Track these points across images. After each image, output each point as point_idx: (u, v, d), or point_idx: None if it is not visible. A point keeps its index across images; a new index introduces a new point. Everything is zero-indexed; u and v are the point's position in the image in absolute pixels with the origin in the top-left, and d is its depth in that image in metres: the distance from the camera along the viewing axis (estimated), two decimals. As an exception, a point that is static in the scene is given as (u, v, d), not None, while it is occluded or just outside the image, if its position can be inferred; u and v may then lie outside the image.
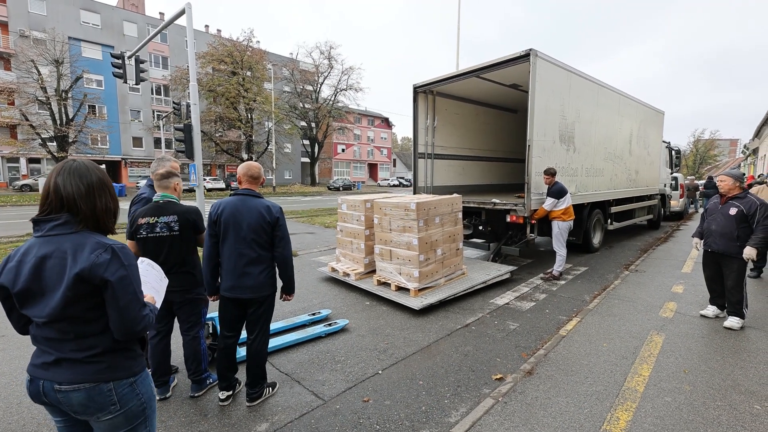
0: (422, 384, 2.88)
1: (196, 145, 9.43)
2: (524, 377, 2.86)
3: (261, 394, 2.63)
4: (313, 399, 2.69)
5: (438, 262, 4.77)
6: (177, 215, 2.56)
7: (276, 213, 2.49)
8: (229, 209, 2.47)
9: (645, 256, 7.01)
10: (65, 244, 1.20)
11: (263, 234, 2.46)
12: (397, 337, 3.71)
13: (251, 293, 2.49)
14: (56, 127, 24.59)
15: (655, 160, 9.60)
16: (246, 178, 2.57)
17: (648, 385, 2.71)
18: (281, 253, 2.52)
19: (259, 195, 2.55)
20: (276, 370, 3.11)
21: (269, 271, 2.54)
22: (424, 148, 7.35)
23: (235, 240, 2.46)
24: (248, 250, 2.45)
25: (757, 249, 3.46)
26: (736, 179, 3.69)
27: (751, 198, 3.59)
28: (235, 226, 2.45)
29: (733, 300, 3.67)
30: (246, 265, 2.46)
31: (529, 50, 5.25)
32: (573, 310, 4.38)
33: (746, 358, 3.09)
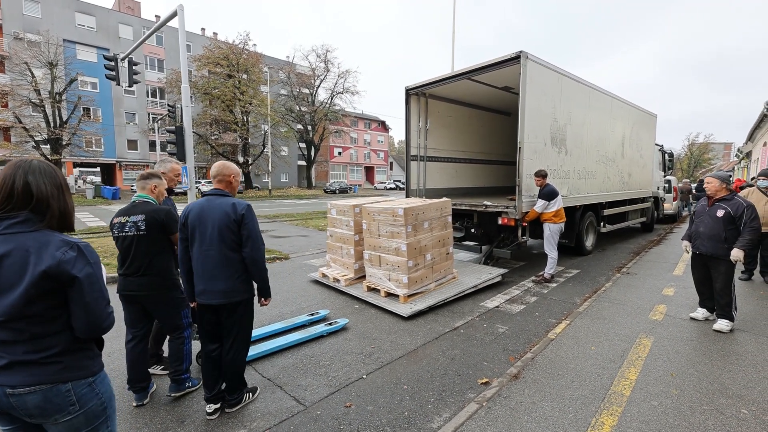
0: (407, 388, 2.82)
1: (188, 147, 9.36)
2: (510, 381, 2.81)
3: (240, 400, 2.56)
4: (294, 405, 2.63)
5: (428, 267, 4.72)
6: (145, 214, 2.54)
7: (241, 210, 2.34)
8: (196, 210, 2.39)
9: (637, 258, 7.00)
10: (27, 242, 1.19)
11: (229, 234, 2.33)
12: (384, 340, 3.66)
13: (222, 298, 2.36)
14: (50, 130, 24.41)
15: (648, 162, 9.63)
16: (217, 178, 2.48)
17: (635, 389, 2.67)
18: (249, 254, 2.36)
19: (227, 194, 2.47)
20: (258, 374, 3.05)
21: (241, 275, 2.40)
22: (417, 151, 7.32)
23: (201, 242, 2.35)
24: (215, 252, 2.34)
25: (744, 251, 3.45)
26: (723, 181, 3.67)
27: (738, 200, 3.57)
28: (201, 228, 2.36)
29: (722, 302, 3.64)
30: (214, 267, 2.35)
31: (519, 52, 5.25)
32: (563, 312, 4.34)
33: (734, 362, 3.06)
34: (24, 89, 23.68)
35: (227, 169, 2.50)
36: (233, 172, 2.52)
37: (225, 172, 2.49)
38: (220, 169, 2.48)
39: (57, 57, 24.69)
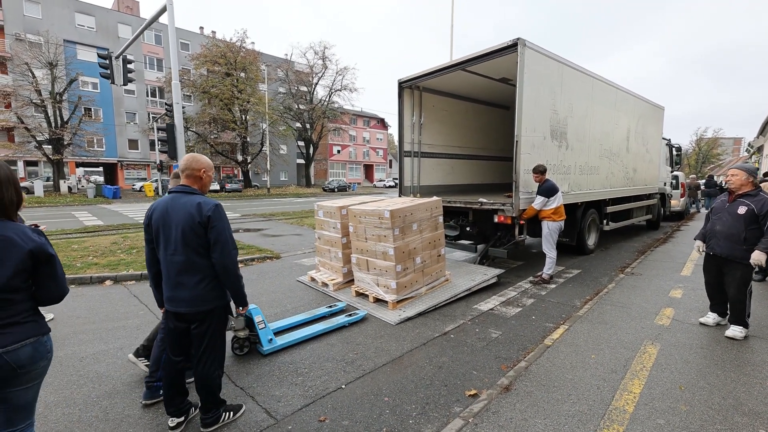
0: (387, 401, 2.57)
1: (180, 144, 9.16)
2: (500, 394, 2.55)
3: (217, 419, 2.30)
4: (265, 418, 2.40)
5: (418, 271, 4.46)
6: None
7: (208, 211, 2.08)
8: (159, 210, 2.16)
9: (642, 258, 6.68)
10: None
11: (195, 237, 2.09)
12: (369, 346, 3.41)
13: (188, 307, 2.15)
14: (51, 130, 24.42)
15: (654, 157, 9.27)
16: (185, 173, 2.21)
17: (638, 405, 2.40)
18: (218, 260, 2.11)
19: (195, 192, 2.20)
20: (232, 383, 2.82)
21: (210, 282, 2.16)
22: (410, 146, 7.06)
23: (166, 245, 2.14)
24: (180, 256, 2.11)
25: (766, 254, 3.07)
26: (750, 174, 3.26)
27: (764, 196, 3.17)
28: (165, 230, 2.13)
29: (736, 308, 3.32)
30: (179, 273, 2.13)
31: (516, 39, 4.96)
32: (561, 316, 4.07)
33: (750, 373, 2.78)
34: (26, 90, 23.69)
35: (197, 162, 2.23)
36: (204, 166, 2.24)
37: (194, 165, 2.21)
38: (189, 163, 2.21)
39: (57, 57, 24.67)
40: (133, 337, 3.62)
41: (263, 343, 3.27)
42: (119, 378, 2.89)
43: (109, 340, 3.58)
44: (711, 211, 3.57)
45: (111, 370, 3.00)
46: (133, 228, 10.95)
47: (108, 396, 2.66)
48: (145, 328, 3.81)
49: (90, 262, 6.35)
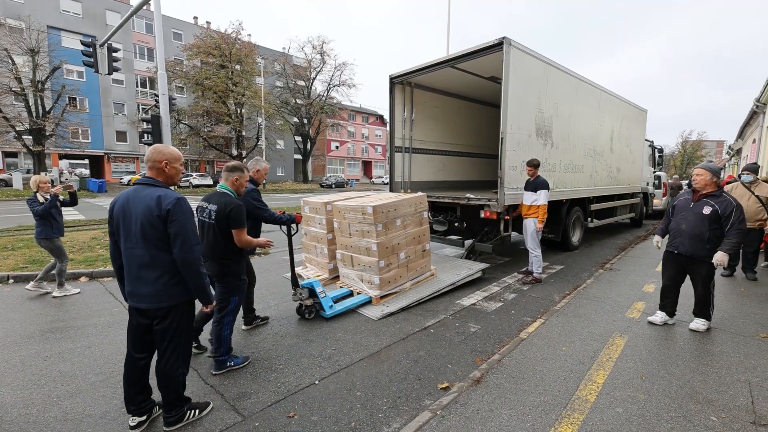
0: (360, 395, 2.63)
1: (165, 137, 9.03)
2: (471, 386, 2.64)
3: (180, 417, 2.27)
4: (232, 416, 2.41)
5: (402, 266, 4.52)
6: (217, 206, 2.76)
7: (168, 204, 2.01)
8: (120, 202, 2.11)
9: (622, 254, 6.85)
10: None
11: (153, 231, 2.03)
12: (348, 341, 3.47)
13: (148, 302, 2.11)
14: (32, 120, 23.67)
15: (637, 158, 9.46)
16: (148, 164, 2.14)
17: (600, 394, 2.51)
18: (178, 255, 2.05)
19: (158, 184, 2.14)
20: (202, 381, 2.81)
21: (172, 277, 2.10)
22: (401, 142, 7.08)
23: (126, 238, 2.09)
24: (139, 250, 2.06)
25: (729, 255, 3.17)
26: (714, 174, 3.32)
27: (727, 198, 3.23)
28: (124, 222, 2.09)
29: (701, 303, 3.41)
30: (139, 268, 2.08)
31: (502, 38, 5.01)
32: (540, 310, 4.18)
33: (708, 362, 2.91)
34: (4, 77, 22.91)
35: (159, 153, 2.13)
36: (165, 158, 2.14)
37: (155, 157, 2.12)
38: (151, 154, 2.13)
39: (39, 44, 23.87)
40: (103, 335, 3.54)
41: (325, 309, 3.93)
42: (84, 377, 2.83)
43: (78, 338, 3.50)
44: (673, 209, 3.60)
45: (76, 369, 2.93)
46: (119, 221, 10.78)
47: (70, 396, 2.59)
48: (117, 326, 3.73)
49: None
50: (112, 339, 3.46)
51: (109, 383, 2.74)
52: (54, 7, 29.66)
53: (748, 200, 5.00)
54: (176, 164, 2.22)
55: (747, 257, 5.23)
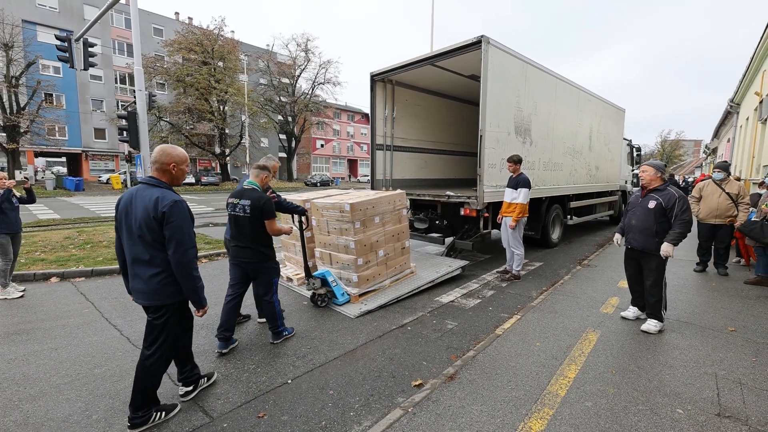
0: (332, 394, 2.58)
1: (142, 133, 8.77)
2: (444, 383, 2.61)
3: (147, 419, 2.21)
4: (200, 417, 2.34)
5: (381, 264, 4.48)
6: (251, 201, 3.07)
7: (164, 207, 2.04)
8: (124, 201, 2.17)
9: (600, 251, 6.98)
10: None
11: (150, 232, 2.07)
12: (324, 340, 3.40)
13: (143, 299, 2.19)
14: (5, 116, 22.78)
15: (615, 156, 9.67)
16: (155, 166, 2.19)
17: (571, 389, 2.51)
18: (173, 257, 2.09)
19: (160, 183, 2.17)
20: (172, 382, 2.72)
21: (165, 277, 2.14)
22: (383, 140, 7.05)
23: (128, 236, 2.15)
24: (137, 249, 2.13)
25: (674, 246, 3.23)
26: (658, 170, 3.43)
27: (671, 191, 3.31)
28: (126, 221, 2.15)
29: (651, 301, 3.41)
30: (136, 265, 2.15)
31: (480, 37, 5.03)
32: (517, 307, 4.20)
33: (677, 356, 2.96)
34: (-24, 72, 21.95)
35: (168, 156, 2.17)
36: (174, 160, 2.19)
37: (163, 159, 2.16)
38: (159, 156, 2.17)
39: (13, 38, 22.96)
40: (71, 336, 3.42)
41: (338, 296, 4.12)
42: (48, 380, 2.72)
43: (45, 340, 3.36)
44: (627, 206, 3.71)
45: (40, 372, 2.82)
46: (92, 222, 10.43)
47: (32, 399, 2.49)
48: (86, 327, 3.61)
49: (36, 258, 5.96)
50: (81, 340, 3.35)
51: (74, 386, 2.65)
52: (29, 1, 28.53)
53: (719, 197, 5.14)
54: (183, 166, 2.26)
55: (718, 253, 5.37)
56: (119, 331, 3.57)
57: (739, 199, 5.04)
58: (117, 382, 2.72)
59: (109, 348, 3.21)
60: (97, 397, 2.53)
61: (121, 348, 3.22)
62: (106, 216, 11.92)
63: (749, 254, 5.69)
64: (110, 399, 2.50)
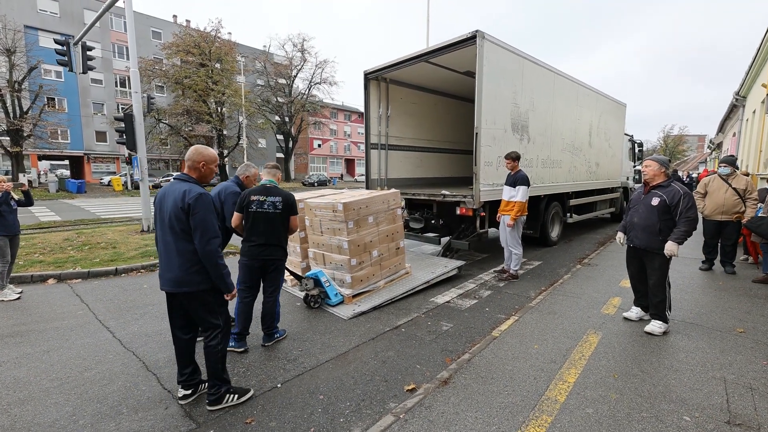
0: (322, 399, 2.48)
1: (139, 135, 8.74)
2: (438, 388, 2.50)
3: (219, 399, 2.39)
4: (186, 423, 2.25)
5: (375, 264, 4.37)
6: (282, 197, 3.12)
7: (190, 199, 2.18)
8: (160, 195, 2.37)
9: (601, 249, 6.83)
10: None
11: (179, 223, 2.23)
12: (316, 342, 3.31)
13: (172, 286, 2.30)
14: (9, 120, 22.91)
15: (616, 152, 9.51)
16: (187, 163, 2.39)
17: (571, 394, 2.39)
18: (198, 246, 2.21)
19: (189, 179, 2.33)
20: (160, 386, 2.65)
21: (192, 265, 2.25)
22: (377, 139, 6.94)
23: (161, 227, 2.33)
24: (168, 238, 2.28)
25: (679, 244, 3.09)
26: (662, 164, 3.28)
27: (675, 187, 3.16)
28: (160, 213, 2.33)
29: (654, 301, 3.27)
30: (168, 255, 2.30)
31: (475, 32, 4.91)
32: (514, 307, 4.08)
33: (683, 359, 2.83)
34: (-20, 78, 22.08)
35: (200, 155, 2.37)
36: (204, 159, 2.37)
37: (195, 157, 2.36)
38: (191, 154, 2.37)
39: (15, 44, 23.10)
40: (64, 338, 3.39)
41: (331, 297, 4.00)
42: (38, 383, 2.68)
43: (37, 342, 3.33)
44: (629, 203, 3.57)
45: (31, 375, 2.78)
46: (92, 223, 10.40)
47: (20, 403, 2.45)
48: (80, 329, 3.58)
49: (34, 260, 5.95)
50: (73, 343, 3.31)
51: (63, 389, 2.61)
52: (31, 7, 28.80)
53: (726, 193, 4.99)
54: (212, 165, 2.43)
55: (725, 250, 5.22)
56: (112, 333, 3.52)
57: (746, 195, 4.89)
58: (106, 385, 2.66)
59: (101, 351, 3.17)
60: (85, 401, 2.48)
61: (112, 350, 3.18)
62: (105, 218, 11.91)
63: (757, 252, 5.53)
64: (98, 404, 2.45)
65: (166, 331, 3.48)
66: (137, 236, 8.08)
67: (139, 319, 3.87)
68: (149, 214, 8.68)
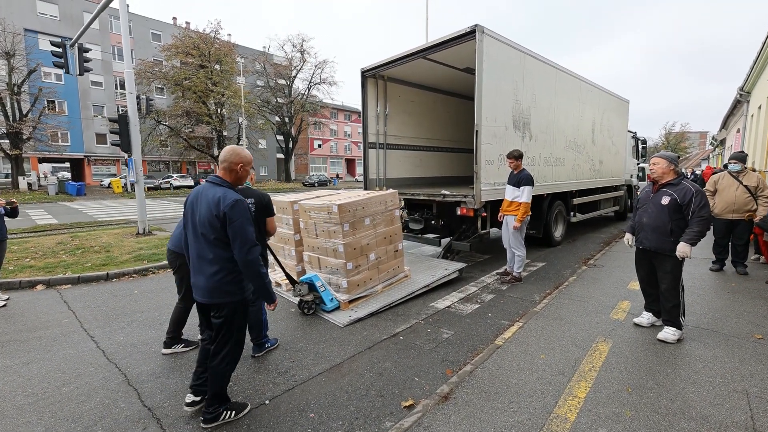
0: (313, 417, 2.30)
1: (134, 136, 8.59)
2: (437, 404, 2.32)
3: (216, 416, 2.22)
4: (162, 445, 2.08)
5: (372, 268, 4.19)
6: (254, 198, 2.90)
7: (225, 207, 2.02)
8: (192, 197, 2.23)
9: (606, 249, 6.62)
10: None
11: (212, 230, 2.08)
12: (308, 352, 3.13)
13: (203, 296, 2.17)
14: (8, 123, 22.88)
15: (620, 150, 9.30)
16: (222, 165, 2.22)
17: (582, 411, 2.21)
18: (238, 256, 2.08)
19: (224, 183, 2.18)
20: (140, 402, 2.48)
21: (227, 275, 2.12)
22: (376, 138, 6.76)
23: (192, 233, 2.19)
24: (201, 245, 2.14)
25: (692, 246, 2.90)
26: (671, 161, 3.09)
27: (686, 185, 2.98)
28: (192, 217, 2.18)
29: (667, 306, 3.08)
30: (199, 261, 2.16)
31: (474, 26, 4.73)
32: (518, 312, 3.89)
33: (701, 370, 2.64)
34: (-21, 81, 22.06)
35: (237, 156, 2.21)
36: (243, 161, 2.23)
37: (233, 159, 2.20)
38: (229, 155, 2.21)
39: (15, 47, 23.07)
40: (45, 349, 3.22)
41: (326, 302, 3.83)
42: (12, 399, 2.52)
43: (18, 353, 3.17)
44: (637, 202, 3.37)
45: (6, 390, 2.63)
46: (87, 226, 10.27)
47: None
48: (63, 339, 3.41)
49: (25, 265, 5.80)
50: (55, 354, 3.15)
51: (38, 406, 2.45)
52: (30, 10, 28.84)
53: (736, 190, 4.79)
54: (248, 167, 2.31)
55: (737, 250, 5.01)
56: (96, 343, 3.36)
57: (758, 192, 4.69)
58: (83, 403, 2.50)
59: (82, 363, 3.01)
60: (59, 420, 2.31)
61: (94, 362, 3.01)
62: (102, 220, 11.78)
63: (768, 251, 5.32)
64: (72, 423, 2.28)
65: (152, 341, 3.37)
66: (132, 239, 7.93)
67: (125, 327, 3.71)
68: (145, 216, 8.53)
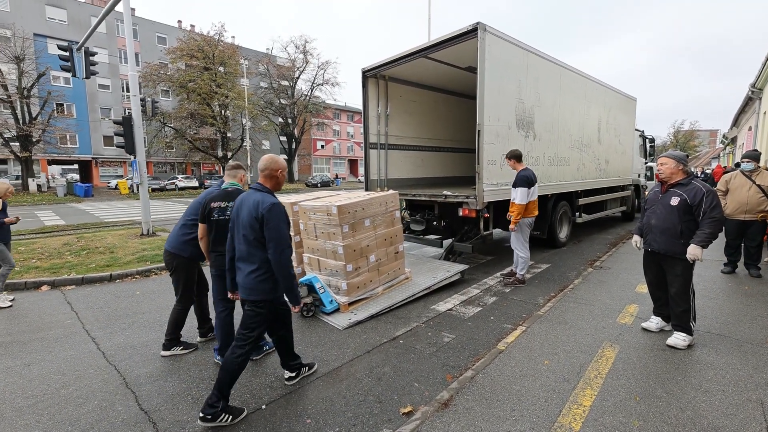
0: (309, 423, 2.25)
1: (138, 138, 8.64)
2: (437, 411, 2.25)
3: (214, 417, 2.22)
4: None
5: (372, 270, 4.14)
6: None
7: (262, 210, 2.24)
8: (238, 203, 2.46)
9: (613, 250, 6.47)
10: None
11: (252, 231, 2.29)
12: (307, 356, 3.08)
13: (243, 293, 2.38)
14: (18, 126, 23.30)
15: (627, 149, 9.13)
16: (264, 173, 2.44)
17: (587, 421, 2.12)
18: (272, 256, 2.26)
19: (263, 189, 2.39)
20: (137, 405, 2.46)
21: (263, 274, 2.32)
22: (377, 138, 6.70)
23: (237, 234, 2.41)
24: (242, 247, 2.37)
25: (704, 248, 2.78)
26: (680, 161, 2.98)
27: (697, 184, 2.88)
28: (237, 220, 2.41)
29: (677, 310, 2.97)
30: (240, 260, 2.39)
31: (476, 24, 4.65)
32: (522, 316, 3.80)
33: (712, 378, 2.53)
34: (-9, 85, 22.49)
35: (276, 163, 2.44)
36: (281, 167, 2.47)
37: (273, 166, 2.43)
38: (268, 163, 2.42)
39: (24, 51, 23.50)
40: (47, 350, 3.24)
41: (325, 304, 3.81)
42: (11, 401, 2.52)
43: (20, 354, 3.19)
44: (645, 203, 3.26)
45: (6, 392, 2.64)
46: (93, 227, 10.36)
47: None
48: (65, 340, 3.43)
49: (31, 266, 5.87)
50: (55, 355, 3.16)
51: (37, 408, 2.44)
52: (40, 15, 29.38)
53: (749, 190, 4.64)
54: (285, 172, 2.52)
55: (749, 252, 4.85)
56: (96, 345, 3.37)
57: (771, 192, 4.54)
58: (81, 405, 2.49)
59: (82, 364, 3.01)
60: (56, 423, 2.30)
61: (94, 364, 3.01)
62: (108, 221, 11.89)
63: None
64: (69, 426, 2.27)
65: (152, 343, 3.35)
66: (136, 240, 7.98)
67: (126, 329, 3.70)
68: (149, 217, 8.58)
